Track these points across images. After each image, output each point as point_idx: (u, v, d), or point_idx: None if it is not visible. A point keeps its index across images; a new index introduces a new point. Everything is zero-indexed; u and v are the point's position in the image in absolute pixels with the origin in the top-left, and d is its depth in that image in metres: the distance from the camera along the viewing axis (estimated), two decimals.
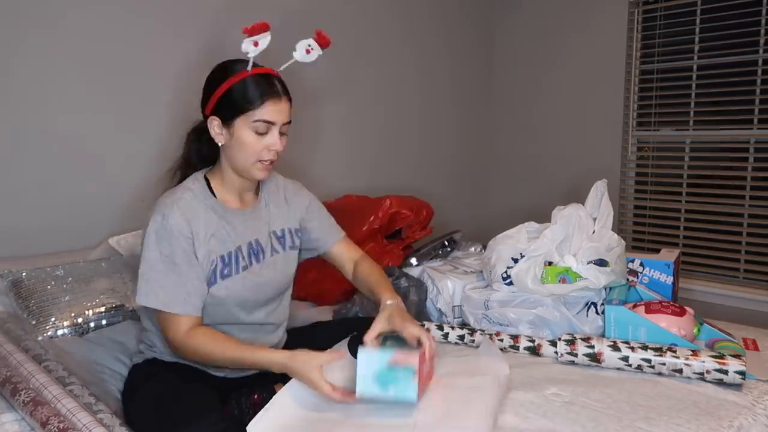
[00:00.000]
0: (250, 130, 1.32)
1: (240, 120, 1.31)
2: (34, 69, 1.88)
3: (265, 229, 1.46)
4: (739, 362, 1.35)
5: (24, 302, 1.63)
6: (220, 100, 1.33)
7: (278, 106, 1.33)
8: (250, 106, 1.30)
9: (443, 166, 3.26)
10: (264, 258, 1.44)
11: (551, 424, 1.20)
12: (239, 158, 1.34)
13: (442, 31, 3.16)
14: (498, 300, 1.73)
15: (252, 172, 1.36)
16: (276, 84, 1.34)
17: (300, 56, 1.40)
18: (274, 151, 1.35)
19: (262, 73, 1.34)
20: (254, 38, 1.31)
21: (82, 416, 1.07)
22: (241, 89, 1.31)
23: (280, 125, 1.34)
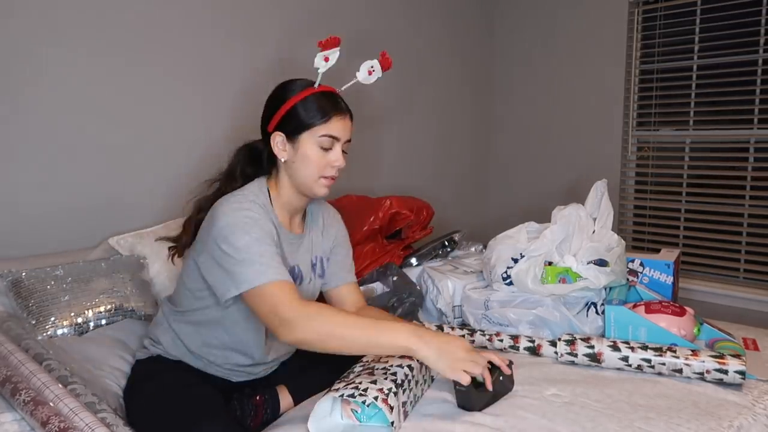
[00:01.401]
0: (315, 146, 1.33)
1: (305, 135, 1.32)
2: (35, 68, 1.88)
3: (307, 257, 1.46)
4: (739, 362, 1.35)
5: (24, 302, 1.63)
6: (286, 116, 1.33)
7: (343, 122, 1.35)
8: (317, 121, 1.32)
9: (443, 167, 3.26)
10: (301, 284, 1.43)
11: (551, 424, 1.20)
12: (303, 174, 1.34)
13: (441, 31, 3.16)
14: (498, 300, 1.73)
15: (314, 189, 1.36)
16: (340, 101, 1.37)
17: (363, 77, 1.42)
18: (336, 168, 1.36)
19: (326, 90, 1.36)
20: (326, 53, 1.33)
21: (85, 416, 1.07)
22: (308, 104, 1.32)
23: (343, 142, 1.36)
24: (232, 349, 1.39)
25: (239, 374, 1.43)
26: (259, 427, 1.32)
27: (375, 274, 2.00)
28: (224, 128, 2.23)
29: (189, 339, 1.40)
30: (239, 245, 1.23)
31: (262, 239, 1.25)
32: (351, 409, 1.17)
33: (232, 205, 1.29)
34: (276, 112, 1.34)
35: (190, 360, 1.41)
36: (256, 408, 1.35)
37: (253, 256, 1.22)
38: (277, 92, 1.38)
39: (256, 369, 1.45)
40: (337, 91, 1.39)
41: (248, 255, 1.22)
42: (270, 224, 1.31)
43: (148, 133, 2.12)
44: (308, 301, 1.23)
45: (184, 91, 2.19)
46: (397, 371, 1.23)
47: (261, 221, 1.28)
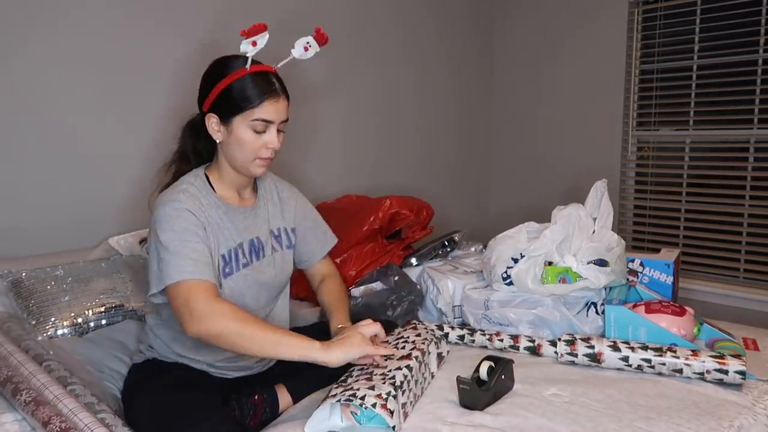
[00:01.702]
0: (248, 129, 1.32)
1: (238, 118, 1.32)
2: (34, 68, 1.88)
3: (265, 227, 1.46)
4: (739, 362, 1.35)
5: (24, 302, 1.63)
6: (218, 98, 1.33)
7: (277, 105, 1.33)
8: (248, 105, 1.30)
9: (443, 166, 3.26)
10: (264, 256, 1.44)
11: (551, 424, 1.20)
12: (238, 156, 1.35)
13: (442, 31, 3.16)
14: (498, 300, 1.73)
15: (250, 169, 1.37)
16: (274, 82, 1.34)
17: (298, 53, 1.40)
18: (271, 149, 1.35)
19: (260, 71, 1.33)
20: (252, 38, 1.30)
21: (84, 416, 1.07)
22: (239, 88, 1.31)
23: (278, 123, 1.35)
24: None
25: (234, 370, 1.43)
26: (258, 426, 1.31)
27: (375, 274, 2.00)
28: None
29: (177, 344, 1.40)
30: (163, 240, 1.25)
31: (183, 233, 1.26)
32: (351, 411, 1.17)
33: (164, 197, 1.32)
34: (209, 92, 1.34)
35: (185, 361, 1.41)
36: (255, 407, 1.35)
37: (171, 253, 1.24)
38: (211, 71, 1.37)
39: (248, 359, 1.44)
40: (273, 69, 1.37)
41: (167, 252, 1.24)
42: (201, 213, 1.31)
43: (148, 132, 2.12)
44: (222, 300, 1.24)
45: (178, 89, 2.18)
46: (395, 374, 1.23)
47: (186, 213, 1.28)
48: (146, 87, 2.11)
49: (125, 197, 2.07)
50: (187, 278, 1.22)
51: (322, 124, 2.69)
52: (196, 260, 1.25)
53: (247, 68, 1.32)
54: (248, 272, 1.39)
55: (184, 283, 1.22)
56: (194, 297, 1.20)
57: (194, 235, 1.27)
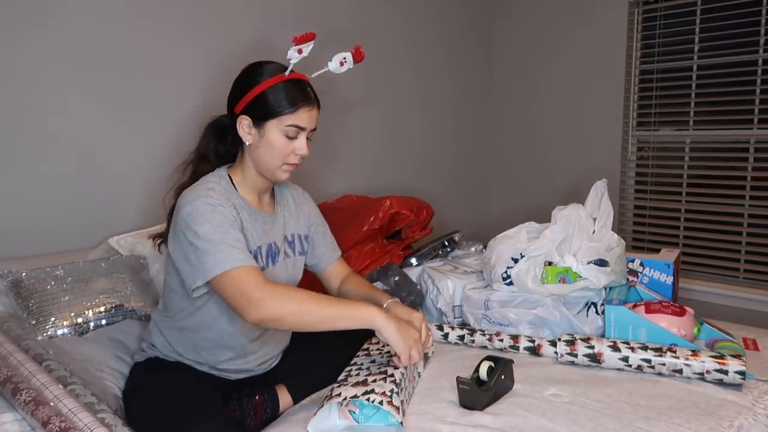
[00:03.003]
0: (281, 134, 1.33)
1: (272, 122, 1.33)
2: (34, 68, 1.88)
3: (281, 233, 1.47)
4: (739, 362, 1.35)
5: (24, 302, 1.63)
6: (254, 101, 1.33)
7: (310, 113, 1.35)
8: (284, 110, 1.32)
9: (443, 166, 3.26)
10: (278, 261, 1.44)
11: (551, 424, 1.20)
12: (266, 159, 1.35)
13: (441, 31, 3.16)
14: (498, 300, 1.73)
15: (276, 174, 1.37)
16: (309, 91, 1.37)
17: (334, 67, 1.42)
18: (299, 155, 1.37)
19: (297, 79, 1.36)
20: (300, 46, 1.32)
21: (84, 416, 1.07)
22: (276, 93, 1.32)
23: (308, 131, 1.37)
24: (222, 347, 1.39)
25: (236, 372, 1.43)
26: (258, 426, 1.31)
27: (376, 274, 2.00)
28: None
29: (179, 345, 1.40)
30: (201, 233, 1.24)
31: (221, 225, 1.26)
32: (349, 410, 1.17)
33: (191, 194, 1.31)
34: (244, 95, 1.34)
35: (187, 361, 1.41)
36: (256, 408, 1.35)
37: (214, 244, 1.23)
38: (247, 74, 1.37)
39: (251, 362, 1.45)
40: (307, 79, 1.39)
41: (209, 243, 1.24)
42: (231, 209, 1.31)
43: (148, 132, 2.12)
44: (273, 282, 1.25)
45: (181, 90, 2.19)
46: (394, 373, 1.23)
47: (220, 208, 1.28)
48: (148, 88, 2.11)
49: (125, 197, 2.07)
50: (237, 266, 1.22)
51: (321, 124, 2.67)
52: (240, 249, 1.25)
53: (286, 74, 1.34)
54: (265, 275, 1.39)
55: (234, 271, 1.22)
56: (248, 284, 1.21)
57: (232, 227, 1.28)
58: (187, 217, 1.27)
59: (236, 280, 1.22)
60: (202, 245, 1.24)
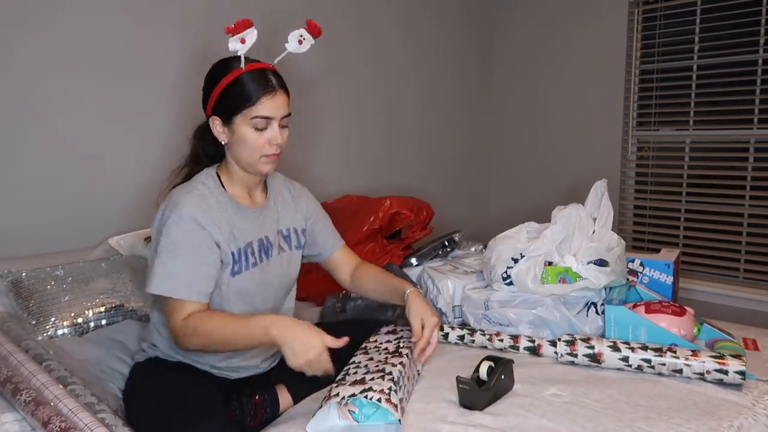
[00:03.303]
0: (249, 127, 1.32)
1: (239, 118, 1.32)
2: (34, 68, 1.88)
3: (274, 228, 1.47)
4: (739, 362, 1.35)
5: (24, 302, 1.63)
6: (218, 100, 1.33)
7: (275, 100, 1.33)
8: (246, 103, 1.31)
9: (443, 166, 3.26)
10: (272, 255, 1.44)
11: (551, 424, 1.20)
12: (243, 155, 1.35)
13: (442, 32, 3.16)
14: (498, 300, 1.73)
15: (258, 167, 1.37)
16: (271, 78, 1.34)
17: (293, 47, 1.40)
18: (276, 145, 1.35)
19: (255, 68, 1.33)
20: (240, 36, 1.30)
21: (84, 416, 1.07)
22: (236, 88, 1.31)
23: (279, 119, 1.34)
24: None
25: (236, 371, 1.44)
26: (258, 426, 1.31)
27: None
28: None
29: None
30: (157, 246, 1.29)
31: (178, 243, 1.28)
32: (348, 410, 1.17)
33: (171, 196, 1.33)
34: (210, 95, 1.35)
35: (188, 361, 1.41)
36: (256, 408, 1.35)
37: (163, 261, 1.27)
38: (210, 74, 1.37)
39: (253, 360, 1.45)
40: (269, 66, 1.37)
41: (159, 260, 1.27)
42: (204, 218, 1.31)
43: (147, 132, 2.12)
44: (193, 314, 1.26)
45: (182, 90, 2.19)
46: (392, 371, 1.23)
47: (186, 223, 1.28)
48: (147, 88, 2.11)
49: (125, 197, 2.07)
50: (170, 296, 1.27)
51: (322, 124, 2.69)
52: (180, 276, 1.27)
53: (241, 67, 1.32)
54: (256, 271, 1.40)
55: (169, 300, 1.28)
56: (172, 319, 1.27)
57: (191, 248, 1.28)
58: (157, 227, 1.31)
59: (168, 308, 1.29)
60: (164, 258, 1.27)
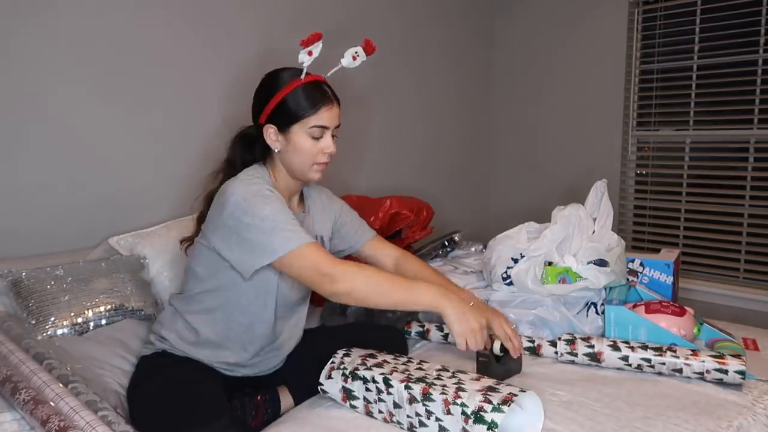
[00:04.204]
0: (306, 136, 1.37)
1: (296, 127, 1.36)
2: (35, 68, 1.88)
3: (312, 234, 1.48)
4: (739, 362, 1.35)
5: (24, 302, 1.63)
6: (276, 110, 1.37)
7: (331, 111, 1.38)
8: (305, 113, 1.35)
9: (443, 166, 3.26)
10: None
11: (551, 423, 1.20)
12: (296, 162, 1.39)
13: (442, 31, 3.16)
14: (498, 300, 1.73)
15: (308, 174, 1.41)
16: (327, 90, 1.40)
17: (346, 62, 1.45)
18: (328, 154, 1.40)
19: (313, 81, 1.39)
20: (309, 48, 1.36)
21: (85, 414, 1.07)
22: (295, 98, 1.36)
23: (332, 129, 1.40)
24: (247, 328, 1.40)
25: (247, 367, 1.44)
26: (259, 426, 1.32)
27: None
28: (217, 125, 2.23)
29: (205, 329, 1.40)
30: (264, 214, 1.28)
31: (281, 209, 1.31)
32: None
33: (243, 181, 1.34)
34: (266, 104, 1.38)
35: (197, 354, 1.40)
36: (257, 408, 1.35)
37: (280, 224, 1.28)
38: (266, 84, 1.41)
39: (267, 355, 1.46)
40: (323, 79, 1.42)
41: (275, 223, 1.28)
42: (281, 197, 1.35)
43: (147, 133, 2.12)
44: (341, 260, 1.30)
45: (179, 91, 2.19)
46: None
47: (272, 193, 1.33)
48: (148, 88, 2.11)
49: (125, 197, 2.07)
50: (304, 243, 1.27)
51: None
52: (303, 230, 1.30)
53: (301, 78, 1.37)
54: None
55: (302, 249, 1.27)
56: (321, 261, 1.27)
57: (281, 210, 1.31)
58: (243, 201, 1.30)
59: (308, 257, 1.27)
60: (266, 225, 1.28)
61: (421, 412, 1.16)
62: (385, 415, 1.23)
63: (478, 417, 1.09)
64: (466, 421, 1.10)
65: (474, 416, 1.09)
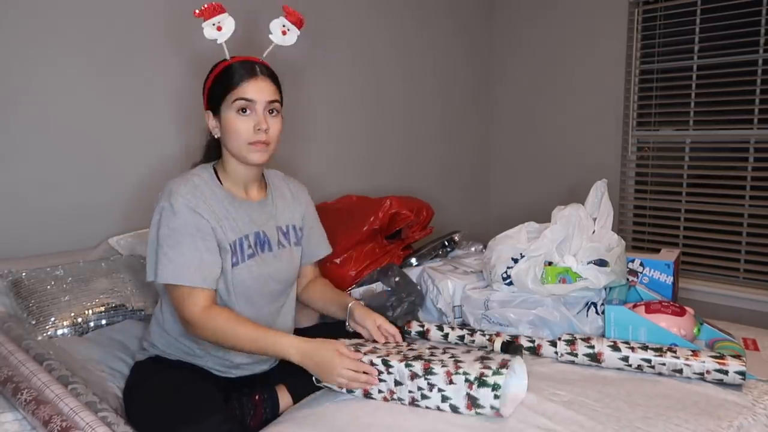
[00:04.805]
0: (233, 113, 1.34)
1: (224, 106, 1.34)
2: (35, 68, 1.88)
3: (272, 223, 1.47)
4: (739, 362, 1.35)
5: (24, 302, 1.63)
6: (208, 95, 1.37)
7: (257, 84, 1.34)
8: (229, 88, 1.33)
9: (443, 167, 3.26)
10: (271, 250, 1.45)
11: (550, 423, 1.20)
12: (232, 144, 1.36)
13: (442, 31, 3.16)
14: (498, 300, 1.73)
15: (247, 156, 1.36)
16: (256, 66, 1.36)
17: (278, 39, 1.41)
18: (262, 131, 1.34)
19: (243, 59, 1.37)
20: (213, 21, 1.32)
21: (85, 415, 1.07)
22: (222, 76, 1.35)
23: (263, 104, 1.34)
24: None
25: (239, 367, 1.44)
26: (258, 426, 1.31)
27: (376, 274, 2.00)
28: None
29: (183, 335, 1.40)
30: (156, 235, 1.31)
31: (178, 230, 1.30)
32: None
33: (167, 185, 1.34)
34: (204, 92, 1.39)
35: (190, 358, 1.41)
36: (255, 407, 1.35)
37: (165, 250, 1.29)
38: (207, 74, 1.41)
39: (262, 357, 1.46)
40: (258, 60, 1.39)
41: (161, 249, 1.29)
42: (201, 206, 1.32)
43: (147, 133, 2.12)
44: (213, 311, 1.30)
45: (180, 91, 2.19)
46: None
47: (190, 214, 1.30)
48: (147, 88, 2.11)
49: (125, 197, 2.07)
50: (187, 285, 1.28)
51: (321, 124, 2.68)
52: (185, 263, 1.28)
53: (227, 59, 1.35)
54: (253, 263, 1.40)
55: (178, 287, 1.29)
56: (184, 304, 1.29)
57: (188, 237, 1.30)
58: (157, 211, 1.32)
59: (178, 296, 1.30)
60: (161, 247, 1.29)
61: (423, 385, 1.24)
62: (385, 394, 1.28)
63: (481, 382, 1.20)
64: (470, 387, 1.20)
65: (477, 381, 1.20)
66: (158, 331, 1.44)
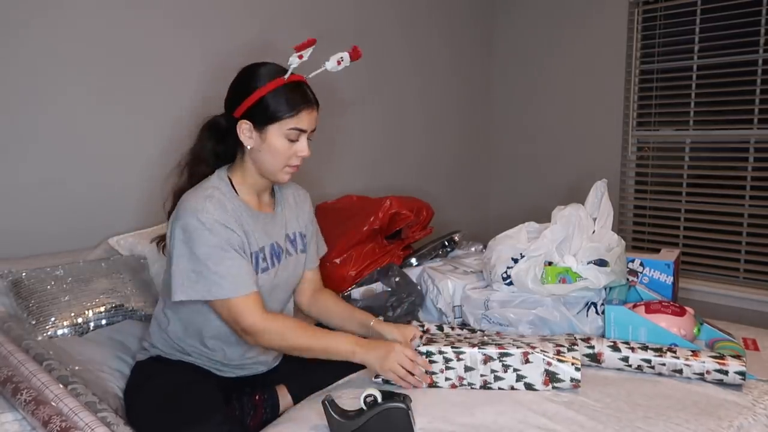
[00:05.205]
0: (283, 137, 1.34)
1: (273, 127, 1.33)
2: (34, 68, 1.88)
3: (282, 232, 1.48)
4: (739, 362, 1.35)
5: (24, 302, 1.63)
6: (254, 106, 1.33)
7: (311, 114, 1.36)
8: (285, 115, 1.32)
9: (443, 166, 3.26)
10: (281, 261, 1.45)
11: (550, 423, 1.20)
12: (268, 162, 1.36)
13: (441, 31, 3.16)
14: (498, 300, 1.73)
15: (278, 176, 1.38)
16: (308, 93, 1.37)
17: (331, 67, 1.43)
18: (301, 157, 1.37)
19: (296, 81, 1.35)
20: (300, 52, 1.33)
21: (85, 415, 1.07)
22: (277, 97, 1.32)
23: (309, 132, 1.37)
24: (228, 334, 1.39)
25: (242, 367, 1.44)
26: (258, 426, 1.32)
27: (376, 274, 2.00)
28: None
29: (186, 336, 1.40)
30: (199, 253, 1.27)
31: (219, 249, 1.28)
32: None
33: (191, 202, 1.31)
34: (244, 99, 1.34)
35: (190, 359, 1.41)
36: (256, 407, 1.35)
37: (212, 270, 1.27)
38: (245, 78, 1.36)
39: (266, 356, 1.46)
40: (305, 80, 1.39)
41: (208, 268, 1.27)
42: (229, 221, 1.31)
43: (149, 133, 2.12)
44: (272, 316, 1.32)
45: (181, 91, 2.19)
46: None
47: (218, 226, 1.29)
48: (148, 88, 2.11)
49: (125, 197, 2.07)
50: (231, 297, 1.27)
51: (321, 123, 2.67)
52: (235, 275, 1.28)
53: (284, 78, 1.33)
54: (267, 276, 1.40)
55: (228, 301, 1.28)
56: (242, 315, 1.29)
57: (229, 250, 1.29)
58: (186, 229, 1.28)
59: (231, 310, 1.29)
60: (198, 266, 1.27)
61: (497, 368, 1.33)
62: (453, 381, 1.35)
63: (560, 359, 1.32)
64: (549, 364, 1.32)
65: (556, 358, 1.32)
66: (158, 332, 1.44)
